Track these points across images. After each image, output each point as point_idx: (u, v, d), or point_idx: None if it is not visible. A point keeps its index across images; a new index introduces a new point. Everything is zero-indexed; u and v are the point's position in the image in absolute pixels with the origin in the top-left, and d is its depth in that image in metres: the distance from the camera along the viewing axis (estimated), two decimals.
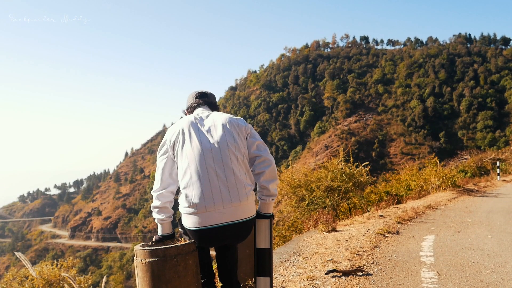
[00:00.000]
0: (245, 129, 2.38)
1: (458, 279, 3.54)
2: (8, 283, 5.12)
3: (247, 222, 2.28)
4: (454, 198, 9.94)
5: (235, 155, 2.25)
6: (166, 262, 1.93)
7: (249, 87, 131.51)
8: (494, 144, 69.00)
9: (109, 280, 55.03)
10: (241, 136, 2.34)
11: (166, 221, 2.33)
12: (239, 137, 2.32)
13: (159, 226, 2.34)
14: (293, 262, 4.24)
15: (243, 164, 2.29)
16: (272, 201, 2.53)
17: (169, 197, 2.33)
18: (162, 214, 2.31)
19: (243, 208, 2.23)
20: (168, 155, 2.31)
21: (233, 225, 2.21)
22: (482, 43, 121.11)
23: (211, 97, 2.63)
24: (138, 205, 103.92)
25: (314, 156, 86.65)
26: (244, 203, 2.22)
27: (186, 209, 2.19)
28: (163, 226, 2.34)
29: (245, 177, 2.27)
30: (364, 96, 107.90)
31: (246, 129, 2.39)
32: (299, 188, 8.17)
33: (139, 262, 1.95)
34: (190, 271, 2.01)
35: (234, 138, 2.29)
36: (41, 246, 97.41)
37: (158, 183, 2.31)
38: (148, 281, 1.92)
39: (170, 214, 2.35)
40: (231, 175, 2.20)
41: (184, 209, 2.21)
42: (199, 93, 2.59)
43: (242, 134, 2.36)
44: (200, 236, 2.20)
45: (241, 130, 2.36)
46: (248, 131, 2.39)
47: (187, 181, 2.19)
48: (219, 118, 2.37)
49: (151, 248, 1.95)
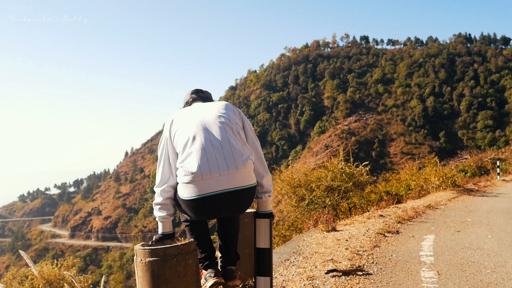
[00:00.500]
0: (240, 113, 2.46)
1: (458, 278, 3.54)
2: (8, 283, 5.12)
3: (246, 190, 2.21)
4: (454, 197, 9.94)
5: (229, 126, 2.28)
6: (166, 262, 1.93)
7: (249, 86, 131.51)
8: (494, 143, 68.99)
9: (108, 280, 55.08)
10: (236, 115, 2.41)
11: (167, 219, 2.32)
12: (234, 115, 2.40)
13: (160, 224, 2.33)
14: (293, 261, 4.24)
15: (238, 135, 2.30)
16: (270, 197, 2.52)
17: (170, 191, 2.31)
18: (163, 212, 2.30)
19: (241, 176, 2.17)
20: (167, 146, 2.32)
21: (231, 192, 2.14)
22: (482, 43, 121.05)
23: (207, 93, 2.68)
24: (138, 205, 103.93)
25: (314, 155, 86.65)
26: (241, 171, 2.17)
27: (182, 178, 2.16)
28: (164, 224, 2.32)
29: (242, 147, 2.26)
30: (364, 96, 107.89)
31: (241, 113, 2.46)
32: (299, 188, 8.17)
33: (139, 261, 1.95)
34: (190, 270, 2.01)
35: (228, 114, 2.35)
36: (41, 246, 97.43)
37: (159, 178, 2.31)
38: (148, 280, 1.92)
39: (171, 212, 2.33)
40: (227, 144, 2.19)
41: (181, 179, 2.18)
42: (194, 90, 2.65)
43: (236, 114, 2.43)
44: (197, 206, 2.14)
45: (235, 110, 2.45)
46: (242, 116, 2.46)
47: (184, 155, 2.19)
48: (213, 103, 2.50)
49: (151, 248, 1.95)
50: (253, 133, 2.49)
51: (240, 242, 3.58)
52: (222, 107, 2.39)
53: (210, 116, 2.30)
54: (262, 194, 2.48)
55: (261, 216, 2.56)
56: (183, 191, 2.18)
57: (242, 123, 2.44)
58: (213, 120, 2.27)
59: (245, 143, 2.34)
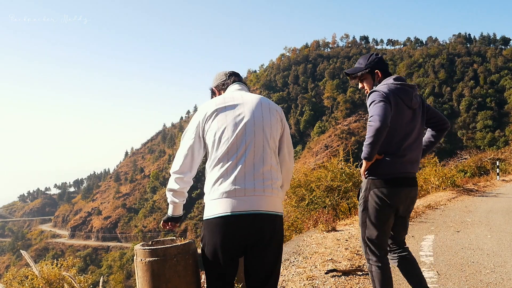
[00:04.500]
0: (282, 120, 2.12)
1: (457, 278, 3.54)
2: (8, 283, 5.11)
3: (277, 218, 1.99)
4: (454, 198, 9.95)
5: (268, 144, 2.02)
6: (166, 262, 1.93)
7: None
8: (494, 144, 69.06)
9: (108, 280, 55.06)
10: (278, 126, 2.09)
11: (179, 204, 2.14)
12: (276, 126, 2.08)
13: (171, 207, 2.16)
14: (293, 261, 4.24)
15: (275, 155, 2.06)
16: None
17: (189, 183, 2.11)
18: (176, 198, 2.11)
19: (274, 201, 1.98)
20: (197, 135, 2.06)
21: (266, 215, 1.92)
22: (482, 43, 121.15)
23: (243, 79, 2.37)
24: (138, 205, 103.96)
25: (314, 155, 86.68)
26: (275, 196, 1.99)
27: (214, 194, 1.94)
28: (175, 208, 2.15)
29: (276, 169, 2.05)
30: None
31: (283, 120, 2.13)
32: (299, 188, 8.17)
33: (139, 261, 1.95)
34: (190, 270, 2.01)
35: (271, 127, 2.05)
36: (41, 246, 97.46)
37: (179, 165, 2.06)
38: (148, 280, 1.92)
39: (184, 198, 2.15)
40: (268, 165, 1.98)
41: (211, 194, 1.95)
42: (231, 72, 2.31)
43: (279, 123, 2.10)
44: (228, 224, 1.88)
45: (278, 119, 2.10)
46: (284, 124, 2.14)
47: (219, 163, 1.96)
48: (256, 99, 2.10)
49: (151, 248, 1.96)
50: (291, 142, 2.18)
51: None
52: (267, 112, 2.06)
53: (259, 119, 2.02)
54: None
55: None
56: (213, 208, 1.93)
57: (285, 131, 2.13)
58: (254, 131, 1.99)
59: (278, 163, 2.08)
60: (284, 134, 2.13)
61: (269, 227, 1.94)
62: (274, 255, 1.99)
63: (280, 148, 2.12)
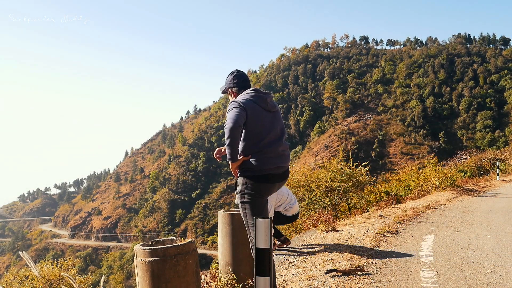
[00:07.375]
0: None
1: (457, 278, 3.55)
2: (9, 283, 5.12)
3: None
4: (454, 198, 9.95)
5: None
6: (166, 262, 1.94)
7: None
8: (494, 144, 69.08)
9: (108, 280, 55.07)
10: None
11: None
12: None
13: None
14: (293, 261, 4.25)
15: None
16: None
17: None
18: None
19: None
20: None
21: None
22: (482, 43, 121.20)
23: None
24: (138, 205, 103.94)
25: (313, 156, 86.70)
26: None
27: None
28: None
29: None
30: (364, 96, 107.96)
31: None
32: (299, 188, 8.18)
33: (139, 261, 1.96)
34: (189, 270, 2.01)
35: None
36: (41, 246, 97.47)
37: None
38: (148, 280, 1.93)
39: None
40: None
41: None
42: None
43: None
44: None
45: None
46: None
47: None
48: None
49: (151, 248, 1.96)
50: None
51: (240, 242, 3.58)
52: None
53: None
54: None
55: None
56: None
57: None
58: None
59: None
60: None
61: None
62: None
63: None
